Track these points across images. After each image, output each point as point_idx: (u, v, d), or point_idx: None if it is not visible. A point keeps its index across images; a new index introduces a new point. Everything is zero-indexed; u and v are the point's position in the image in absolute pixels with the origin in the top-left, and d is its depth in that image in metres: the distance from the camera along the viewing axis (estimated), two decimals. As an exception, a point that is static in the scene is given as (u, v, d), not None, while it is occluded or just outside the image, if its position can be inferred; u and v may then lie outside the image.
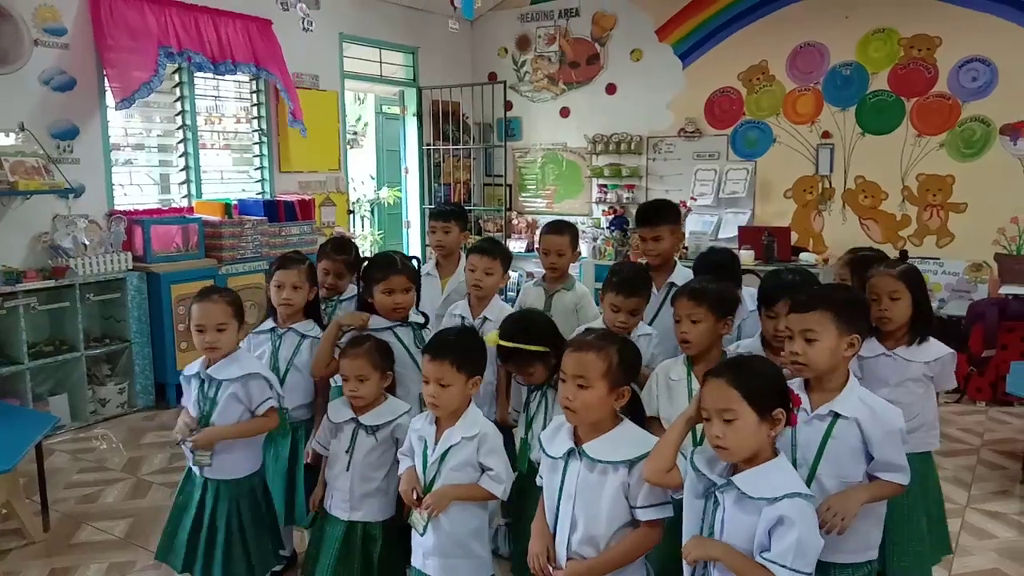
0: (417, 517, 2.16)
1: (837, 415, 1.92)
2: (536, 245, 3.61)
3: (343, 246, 3.30)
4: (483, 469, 2.15)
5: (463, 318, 3.04)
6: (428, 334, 2.70)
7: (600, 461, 1.87)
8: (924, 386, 2.48)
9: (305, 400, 2.88)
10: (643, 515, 1.85)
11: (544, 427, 2.29)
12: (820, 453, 1.92)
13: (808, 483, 1.91)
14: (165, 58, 5.23)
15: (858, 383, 2.01)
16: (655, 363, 2.52)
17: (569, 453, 1.92)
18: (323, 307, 3.15)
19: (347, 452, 2.39)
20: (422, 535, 2.15)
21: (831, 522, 1.86)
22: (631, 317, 2.61)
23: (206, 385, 2.52)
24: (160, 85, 5.28)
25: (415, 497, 2.15)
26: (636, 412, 2.03)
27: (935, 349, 2.46)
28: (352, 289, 3.20)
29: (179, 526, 2.56)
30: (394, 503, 2.41)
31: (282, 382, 2.81)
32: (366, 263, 2.86)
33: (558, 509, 1.93)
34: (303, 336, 2.85)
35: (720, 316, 2.28)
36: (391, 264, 2.75)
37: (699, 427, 2.23)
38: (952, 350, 2.47)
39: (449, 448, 2.14)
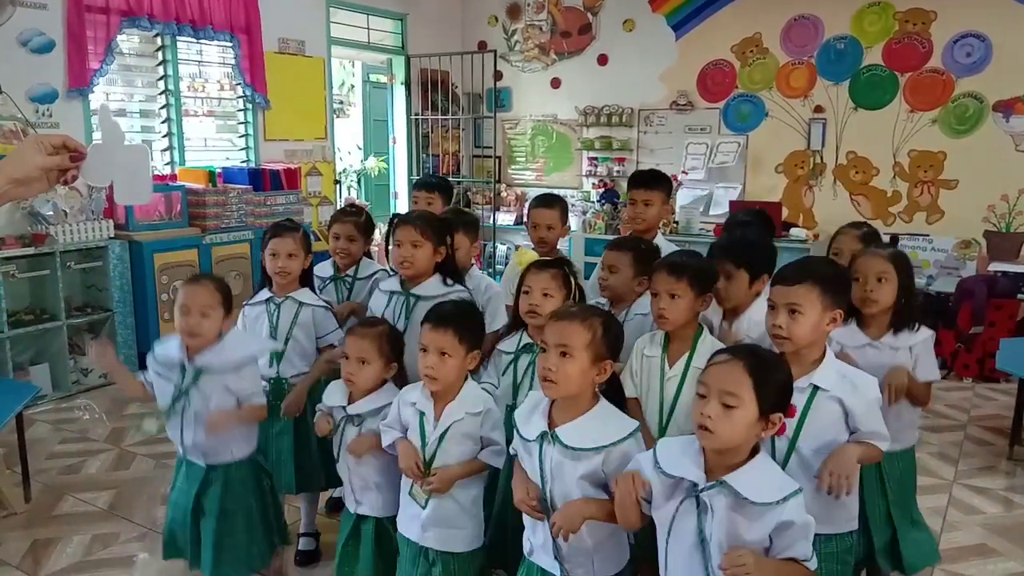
0: (418, 491, 2.12)
1: (816, 388, 1.90)
2: (525, 219, 3.55)
3: (354, 208, 3.28)
4: (483, 443, 2.11)
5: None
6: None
7: (572, 448, 1.81)
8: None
9: (307, 367, 2.81)
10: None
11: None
12: (800, 426, 1.90)
13: (788, 456, 1.89)
14: (139, 28, 5.18)
15: (833, 355, 1.99)
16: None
17: (543, 436, 1.85)
18: (337, 283, 3.07)
19: (336, 444, 2.33)
20: (423, 508, 2.12)
21: (837, 485, 1.84)
22: (611, 275, 2.56)
23: (184, 375, 2.37)
24: (111, 67, 5.14)
25: (418, 471, 2.10)
26: (615, 392, 1.96)
27: (921, 332, 2.40)
28: (369, 265, 3.12)
29: (182, 521, 2.48)
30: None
31: (283, 351, 2.76)
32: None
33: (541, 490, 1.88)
34: (301, 304, 2.78)
35: (700, 292, 2.20)
36: (404, 217, 2.68)
37: (665, 413, 2.21)
38: (931, 332, 2.42)
39: (452, 423, 2.09)
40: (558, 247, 3.29)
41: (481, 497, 2.19)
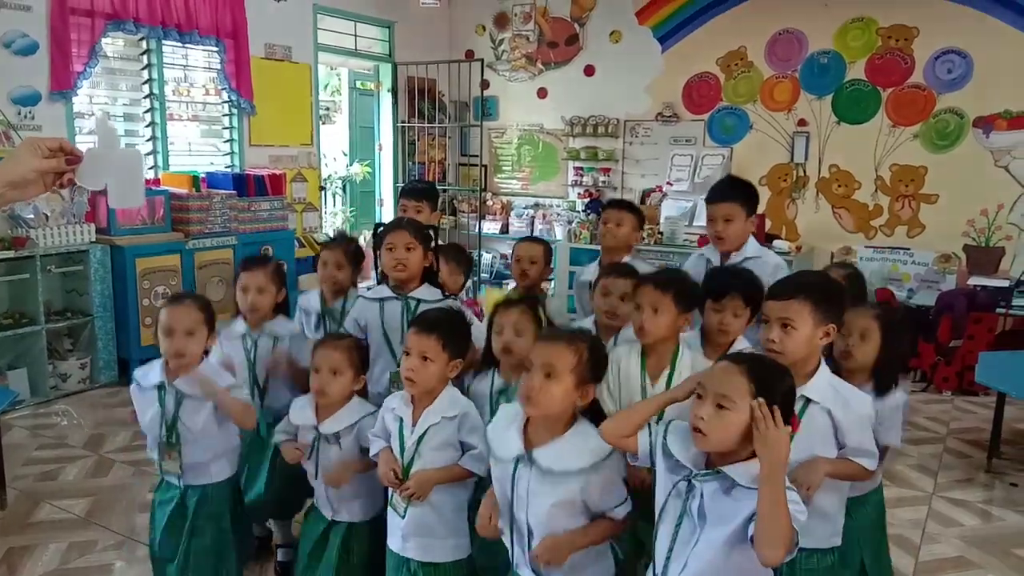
0: (397, 500, 2.12)
1: (808, 400, 1.91)
2: (509, 259, 3.62)
3: (343, 237, 3.31)
4: (463, 448, 2.11)
5: None
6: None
7: (551, 472, 1.79)
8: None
9: (292, 398, 2.79)
10: (613, 515, 1.84)
11: None
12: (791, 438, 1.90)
13: None
14: (124, 31, 5.18)
15: (827, 369, 1.99)
16: None
17: (519, 459, 1.83)
18: (326, 317, 3.02)
19: (309, 459, 2.32)
20: (403, 518, 2.11)
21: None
22: (620, 303, 2.54)
23: (166, 395, 2.35)
24: (94, 70, 5.12)
25: (395, 479, 2.10)
26: (594, 413, 1.95)
27: (894, 398, 2.29)
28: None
29: (167, 527, 2.45)
30: (379, 501, 2.33)
31: (265, 388, 2.74)
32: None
33: (512, 513, 1.87)
34: (277, 338, 2.75)
35: (683, 309, 2.21)
36: (395, 222, 2.68)
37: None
38: (906, 396, 2.34)
39: (428, 428, 2.09)
40: (542, 287, 3.34)
41: (465, 506, 2.17)
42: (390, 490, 2.16)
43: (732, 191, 3.00)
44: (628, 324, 2.51)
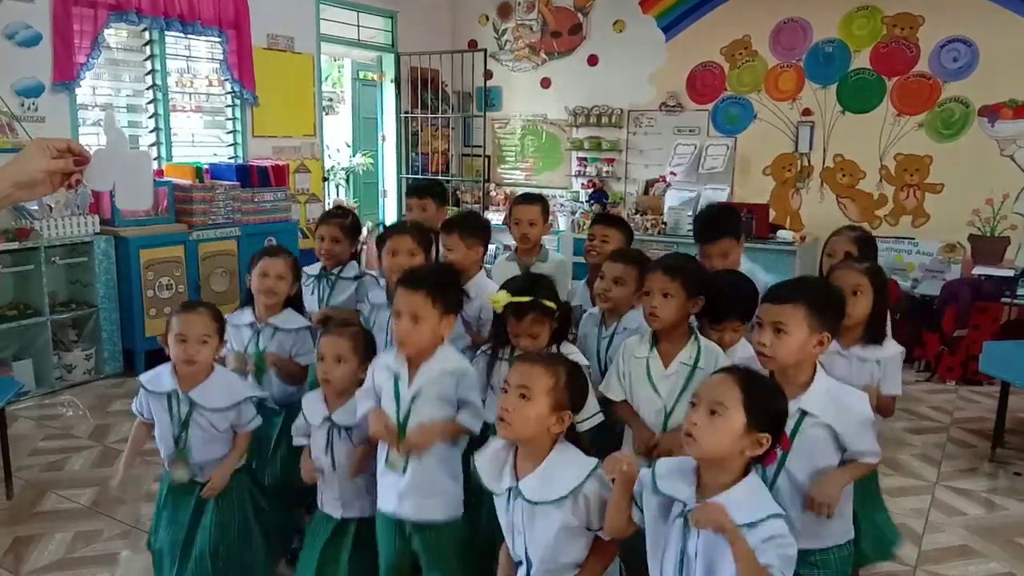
0: (395, 456, 2.09)
1: (804, 412, 1.87)
2: (505, 219, 3.58)
3: (341, 210, 3.30)
4: (458, 405, 2.09)
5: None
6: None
7: (538, 503, 1.79)
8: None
9: (290, 388, 2.78)
10: (606, 534, 1.82)
11: None
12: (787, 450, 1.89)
13: (776, 476, 1.88)
14: (126, 22, 5.18)
15: (825, 376, 1.95)
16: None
17: (510, 491, 1.84)
18: (321, 281, 3.07)
19: (326, 454, 2.29)
20: (403, 474, 2.08)
21: (819, 510, 1.85)
22: (613, 285, 2.56)
23: (178, 405, 2.36)
24: (97, 61, 5.11)
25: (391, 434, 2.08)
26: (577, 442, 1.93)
27: (890, 347, 2.40)
28: (354, 267, 3.11)
29: (172, 550, 2.44)
30: None
31: (262, 375, 2.74)
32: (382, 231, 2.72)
33: (513, 540, 1.87)
34: (277, 329, 2.73)
35: (691, 294, 2.23)
36: (398, 226, 2.68)
37: (666, 410, 2.22)
38: (902, 348, 2.42)
39: (426, 382, 2.06)
40: (543, 244, 3.30)
41: (459, 466, 2.15)
42: (384, 450, 2.13)
43: (727, 225, 2.93)
44: (631, 312, 2.55)
